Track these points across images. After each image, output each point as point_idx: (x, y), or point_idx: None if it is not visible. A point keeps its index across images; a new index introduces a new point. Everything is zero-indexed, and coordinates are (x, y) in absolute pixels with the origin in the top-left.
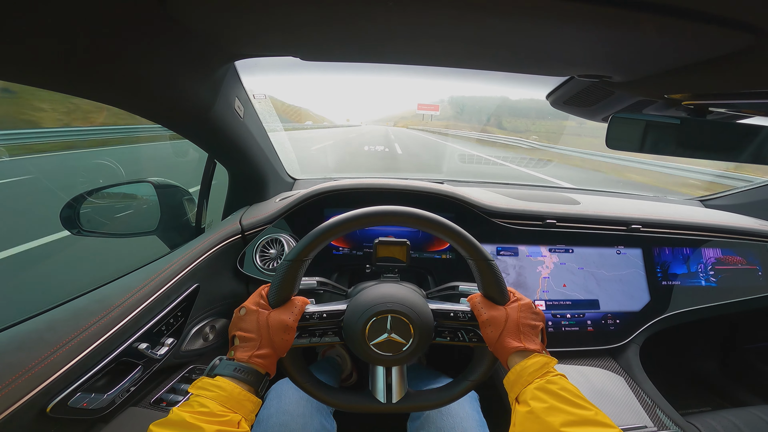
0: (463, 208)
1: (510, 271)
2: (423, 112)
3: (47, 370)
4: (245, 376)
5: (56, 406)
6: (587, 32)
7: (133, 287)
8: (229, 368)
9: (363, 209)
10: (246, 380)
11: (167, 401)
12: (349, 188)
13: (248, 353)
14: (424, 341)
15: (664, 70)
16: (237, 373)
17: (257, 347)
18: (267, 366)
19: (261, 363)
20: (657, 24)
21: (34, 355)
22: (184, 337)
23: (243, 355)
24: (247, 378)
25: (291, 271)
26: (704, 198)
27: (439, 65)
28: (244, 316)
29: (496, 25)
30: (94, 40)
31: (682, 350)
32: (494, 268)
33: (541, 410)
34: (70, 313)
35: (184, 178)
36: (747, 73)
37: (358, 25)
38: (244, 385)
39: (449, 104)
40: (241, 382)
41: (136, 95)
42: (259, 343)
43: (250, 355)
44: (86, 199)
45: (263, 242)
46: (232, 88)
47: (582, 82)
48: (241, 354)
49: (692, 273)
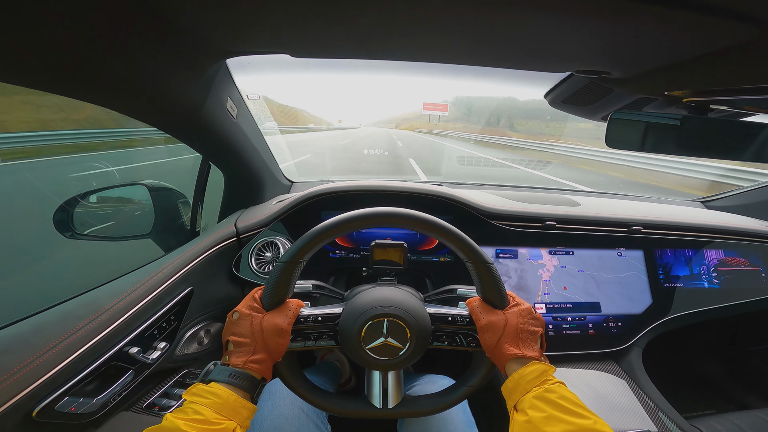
0: (461, 210)
1: (512, 275)
2: (429, 113)
3: (33, 373)
4: (240, 381)
5: (42, 410)
6: (585, 25)
7: (124, 291)
8: (224, 374)
9: (359, 210)
10: (241, 386)
11: (160, 406)
12: (347, 190)
13: (243, 358)
14: (421, 346)
15: (664, 65)
16: (232, 379)
17: (252, 352)
18: (262, 371)
19: (256, 368)
20: (657, 15)
21: (20, 359)
22: (178, 341)
23: (238, 360)
24: (242, 384)
25: (285, 273)
26: (706, 199)
27: (435, 61)
28: (237, 321)
29: (493, 19)
30: (80, 38)
31: (685, 353)
32: (493, 271)
33: (540, 420)
34: (58, 316)
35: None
36: (749, 68)
37: (349, 19)
38: (239, 391)
39: (454, 105)
40: (237, 388)
41: (124, 95)
42: (254, 348)
43: (245, 361)
44: (79, 201)
45: (259, 245)
46: (223, 88)
47: (581, 79)
48: (236, 359)
49: (695, 275)
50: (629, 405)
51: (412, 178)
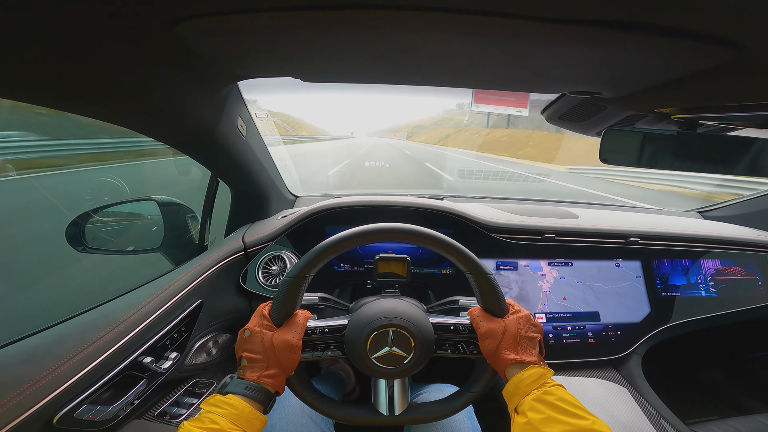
0: (462, 223)
1: (513, 286)
2: (487, 109)
3: (54, 382)
4: (256, 394)
5: (63, 417)
6: (577, 52)
7: (139, 303)
8: (240, 387)
9: (362, 227)
10: (256, 398)
11: (171, 414)
12: (351, 205)
13: (257, 373)
14: (425, 354)
15: (651, 86)
16: (248, 392)
17: (265, 368)
18: (276, 385)
19: (270, 382)
20: (641, 42)
21: (42, 368)
22: (188, 352)
23: (252, 375)
24: (257, 396)
25: (293, 289)
26: (702, 209)
27: (435, 84)
28: (248, 338)
29: (490, 48)
30: (104, 59)
31: (685, 360)
32: (492, 282)
33: (539, 421)
34: (77, 327)
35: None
36: (731, 87)
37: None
38: (254, 403)
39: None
40: (252, 400)
41: (142, 114)
42: (267, 364)
43: (259, 375)
44: (91, 216)
45: (266, 259)
46: (234, 108)
47: (574, 98)
48: (251, 374)
49: (692, 284)
50: (631, 412)
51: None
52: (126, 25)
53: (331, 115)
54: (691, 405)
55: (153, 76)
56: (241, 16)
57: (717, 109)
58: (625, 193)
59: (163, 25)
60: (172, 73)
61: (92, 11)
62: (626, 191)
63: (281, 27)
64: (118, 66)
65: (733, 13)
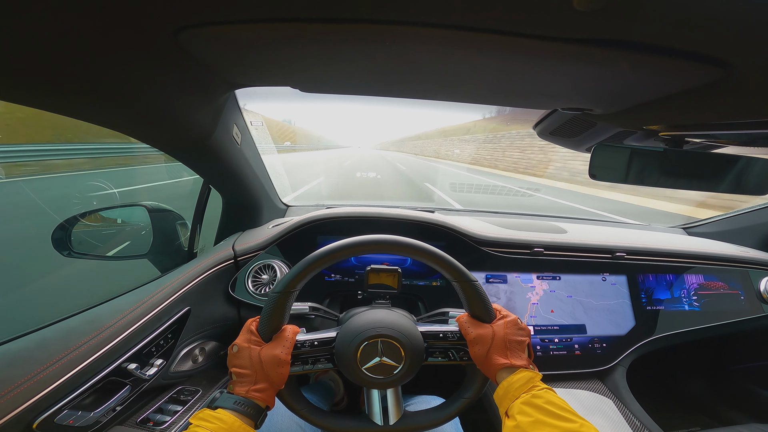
0: (453, 236)
1: (501, 296)
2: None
3: (36, 386)
4: (245, 408)
5: (43, 422)
6: (570, 69)
7: (125, 309)
8: (229, 401)
9: (349, 239)
10: (246, 413)
11: (154, 421)
12: (342, 216)
13: (245, 388)
14: (416, 363)
15: (640, 103)
16: (237, 406)
17: (254, 382)
18: (266, 399)
19: (259, 397)
20: (632, 60)
21: (24, 372)
22: (174, 359)
23: (241, 389)
24: (246, 411)
25: (280, 303)
26: (687, 225)
27: (431, 99)
28: (237, 353)
29: (486, 64)
30: (107, 66)
31: (669, 372)
32: (478, 288)
33: (527, 424)
34: (61, 332)
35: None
36: (718, 105)
37: (355, 62)
38: (244, 417)
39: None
40: (241, 414)
41: (140, 120)
42: (255, 378)
43: (248, 390)
44: (79, 221)
45: (255, 268)
46: (231, 116)
47: (565, 114)
48: (240, 389)
49: (676, 298)
50: (615, 422)
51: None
52: (130, 33)
53: (321, 125)
54: (674, 416)
55: (153, 83)
56: (243, 26)
57: (704, 127)
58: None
59: (167, 34)
60: (173, 80)
61: (99, 21)
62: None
63: (283, 38)
64: (120, 72)
65: (720, 33)
